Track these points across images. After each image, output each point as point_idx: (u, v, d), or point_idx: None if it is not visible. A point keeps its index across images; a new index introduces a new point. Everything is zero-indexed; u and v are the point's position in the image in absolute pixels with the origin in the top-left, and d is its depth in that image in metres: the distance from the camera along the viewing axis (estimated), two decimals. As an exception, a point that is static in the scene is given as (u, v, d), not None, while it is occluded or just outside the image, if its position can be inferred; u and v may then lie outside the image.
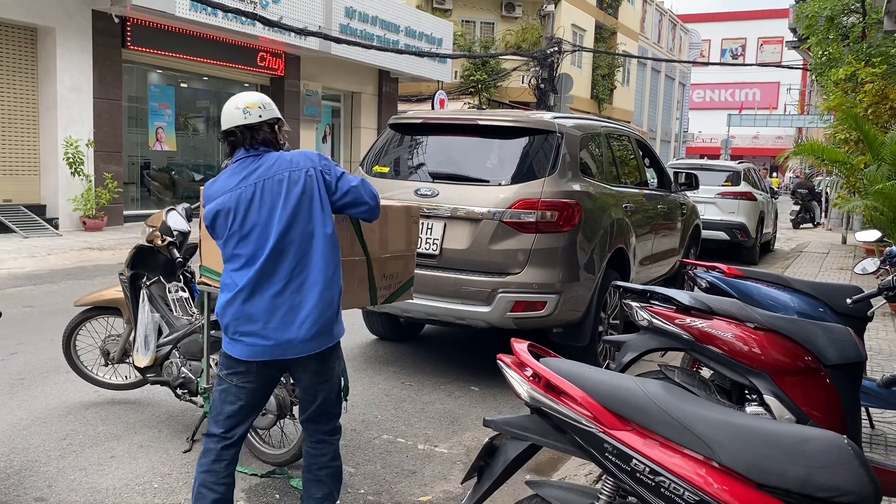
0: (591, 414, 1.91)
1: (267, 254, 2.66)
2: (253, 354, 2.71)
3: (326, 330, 2.73)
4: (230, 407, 2.78)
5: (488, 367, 5.23)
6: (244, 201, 2.69)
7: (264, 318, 2.68)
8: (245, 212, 2.68)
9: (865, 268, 4.24)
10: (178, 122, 15.35)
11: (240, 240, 2.70)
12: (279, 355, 2.70)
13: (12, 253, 9.65)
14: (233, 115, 2.80)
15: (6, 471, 3.64)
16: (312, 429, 2.93)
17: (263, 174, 2.72)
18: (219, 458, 2.78)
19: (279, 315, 2.67)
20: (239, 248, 2.71)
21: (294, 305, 2.68)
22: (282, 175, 2.70)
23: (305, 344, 2.69)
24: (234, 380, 2.77)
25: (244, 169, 2.75)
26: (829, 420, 2.87)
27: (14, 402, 4.58)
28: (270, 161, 2.75)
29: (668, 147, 43.84)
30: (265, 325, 2.67)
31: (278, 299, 2.68)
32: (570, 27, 26.45)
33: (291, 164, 2.73)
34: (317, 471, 2.90)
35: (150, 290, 4.21)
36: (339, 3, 16.04)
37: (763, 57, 52.30)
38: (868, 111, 11.76)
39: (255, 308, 2.69)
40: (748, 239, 12.08)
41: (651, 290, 3.43)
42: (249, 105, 2.80)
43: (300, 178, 2.71)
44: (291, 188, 2.69)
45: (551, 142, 5.17)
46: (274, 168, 2.72)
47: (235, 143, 2.82)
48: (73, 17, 12.06)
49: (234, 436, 2.80)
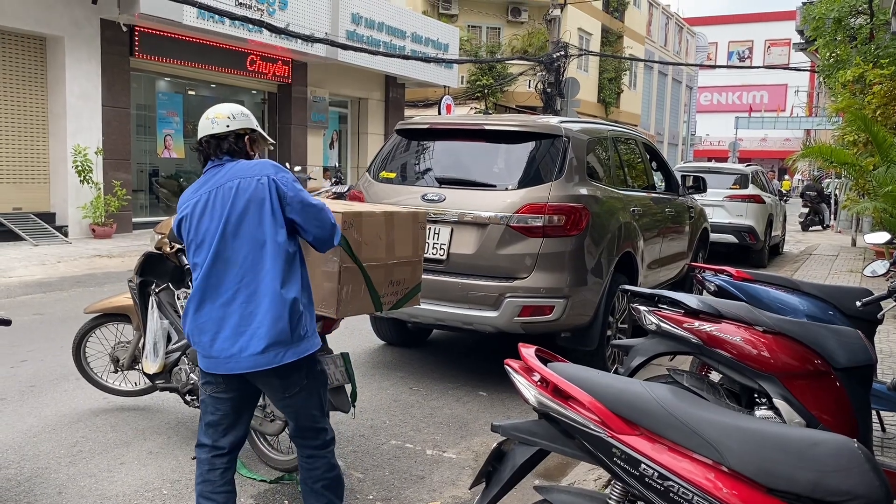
0: (599, 418, 1.90)
1: (210, 261, 2.62)
2: (208, 366, 2.69)
3: (281, 343, 2.59)
4: (210, 417, 2.77)
5: (496, 372, 5.22)
6: (199, 208, 2.68)
7: (213, 328, 2.63)
8: (199, 219, 2.67)
9: (875, 270, 4.21)
10: (186, 129, 15.42)
11: (195, 248, 2.68)
12: (229, 369, 2.63)
13: (22, 261, 9.71)
14: (203, 125, 2.81)
15: (17, 478, 3.66)
16: (301, 444, 2.88)
17: (217, 182, 2.70)
18: (212, 468, 2.76)
19: (229, 326, 2.61)
20: (195, 256, 2.69)
21: (245, 316, 2.60)
22: (232, 183, 2.66)
23: (256, 358, 2.59)
24: (208, 390, 2.76)
25: (206, 178, 2.75)
26: (839, 423, 2.86)
27: (24, 409, 4.60)
28: (226, 169, 2.72)
29: (675, 150, 43.76)
30: (214, 337, 2.63)
31: (227, 308, 2.62)
32: (577, 31, 26.46)
33: (244, 172, 2.68)
34: (312, 483, 2.86)
35: (158, 296, 4.22)
36: (346, 10, 16.10)
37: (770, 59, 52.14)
38: (877, 113, 11.70)
39: (205, 318, 2.65)
40: (757, 242, 12.03)
41: (659, 294, 3.43)
42: (218, 115, 2.79)
43: (250, 186, 2.64)
44: (240, 195, 2.63)
45: (558, 146, 5.17)
46: (227, 175, 2.69)
47: (203, 152, 2.81)
48: (82, 26, 12.15)
49: (223, 446, 2.78)
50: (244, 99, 17.22)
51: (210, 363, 2.67)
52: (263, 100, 17.13)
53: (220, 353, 2.62)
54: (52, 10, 11.69)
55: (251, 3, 13.60)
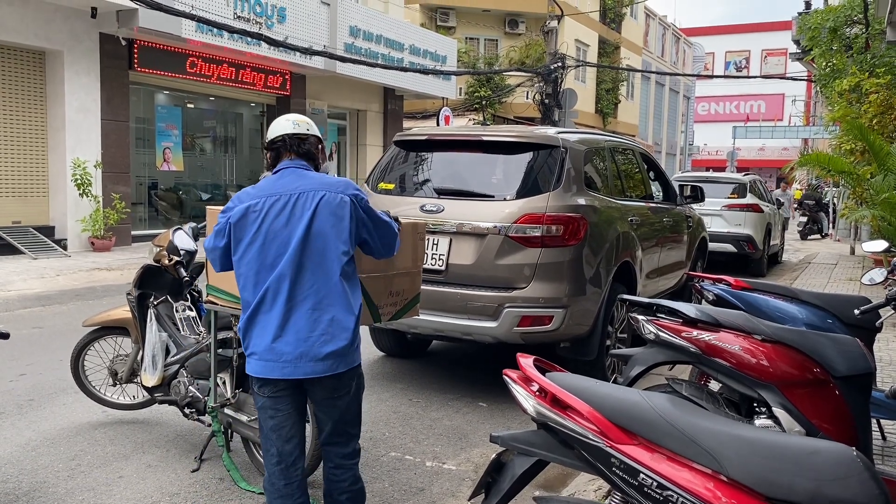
0: (597, 428, 1.90)
1: (287, 264, 2.66)
2: (266, 370, 2.69)
3: (341, 351, 2.69)
4: (271, 422, 2.77)
5: (496, 383, 5.21)
6: (277, 206, 2.72)
7: (276, 331, 2.66)
8: (275, 216, 2.71)
9: (873, 278, 4.22)
10: (185, 142, 15.46)
11: (262, 244, 2.69)
12: (288, 374, 2.67)
13: (21, 274, 9.71)
14: (281, 125, 2.92)
15: (15, 492, 3.64)
16: (332, 452, 2.89)
17: (301, 187, 2.76)
18: (288, 481, 2.77)
19: (294, 330, 2.65)
20: (259, 252, 2.70)
21: (312, 322, 2.66)
22: (317, 193, 2.74)
23: (316, 364, 2.66)
24: (265, 392, 2.75)
25: (284, 178, 2.81)
26: (838, 432, 2.85)
27: (23, 422, 4.59)
28: (310, 177, 2.82)
29: (673, 160, 43.83)
30: (276, 339, 2.66)
31: (296, 313, 2.66)
32: (574, 42, 26.57)
33: (328, 186, 2.77)
34: (337, 496, 2.87)
35: (157, 309, 4.22)
36: (344, 22, 16.17)
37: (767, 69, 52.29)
38: (873, 121, 11.75)
39: (271, 320, 2.67)
40: (755, 251, 12.04)
41: (658, 304, 3.43)
42: (299, 120, 2.94)
43: (334, 200, 2.73)
44: (324, 207, 2.71)
45: (555, 156, 5.18)
46: (310, 184, 2.77)
47: (280, 149, 2.89)
48: (81, 40, 12.19)
49: (288, 451, 2.78)
50: (243, 112, 17.28)
51: (269, 367, 2.68)
52: (262, 112, 17.18)
53: (281, 356, 2.65)
54: (51, 24, 11.74)
55: (249, 17, 13.66)
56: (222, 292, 3.55)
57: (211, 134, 16.77)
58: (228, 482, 3.76)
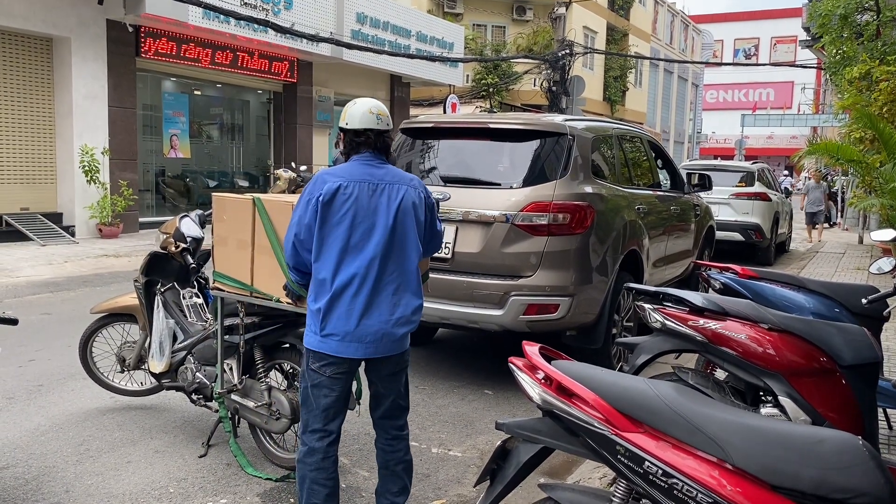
0: (602, 416, 1.90)
1: (377, 249, 2.83)
2: (340, 349, 2.83)
3: (409, 334, 2.97)
4: (325, 400, 2.91)
5: (501, 371, 5.22)
6: (366, 191, 2.86)
7: (360, 312, 2.82)
8: (367, 199, 2.85)
9: (881, 267, 4.19)
10: (192, 129, 15.46)
11: (351, 224, 2.82)
12: (370, 353, 2.86)
13: (30, 261, 9.76)
14: (368, 118, 2.97)
15: (24, 476, 3.68)
16: (389, 425, 3.09)
17: (383, 178, 2.91)
18: (326, 456, 2.92)
19: (378, 312, 2.84)
20: (348, 232, 2.83)
21: (392, 305, 2.86)
22: (401, 186, 2.92)
23: (394, 343, 2.90)
24: (328, 371, 2.88)
25: (370, 167, 2.93)
26: (844, 421, 2.85)
27: (32, 408, 4.63)
28: (394, 171, 2.99)
29: (681, 148, 43.62)
30: (360, 319, 2.82)
31: (379, 296, 2.84)
32: (582, 29, 26.40)
33: (409, 182, 2.97)
34: (394, 466, 3.07)
35: (164, 296, 4.24)
36: (351, 9, 16.10)
37: (776, 56, 51.93)
38: (883, 109, 11.65)
39: (358, 300, 2.82)
40: (763, 239, 11.99)
41: (664, 292, 3.42)
42: (382, 113, 3.00)
43: (413, 196, 2.94)
44: (407, 200, 2.91)
45: (562, 144, 5.16)
46: (391, 177, 2.94)
47: (364, 143, 2.97)
48: (88, 26, 12.18)
49: (332, 430, 2.94)
50: (249, 99, 17.25)
51: (351, 347, 2.83)
52: (269, 99, 17.16)
53: (365, 337, 2.83)
54: (58, 10, 11.73)
55: (256, 3, 13.61)
56: (229, 279, 3.56)
57: (218, 121, 16.76)
58: (235, 467, 3.78)
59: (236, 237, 3.53)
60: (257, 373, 3.79)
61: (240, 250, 3.51)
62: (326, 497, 2.91)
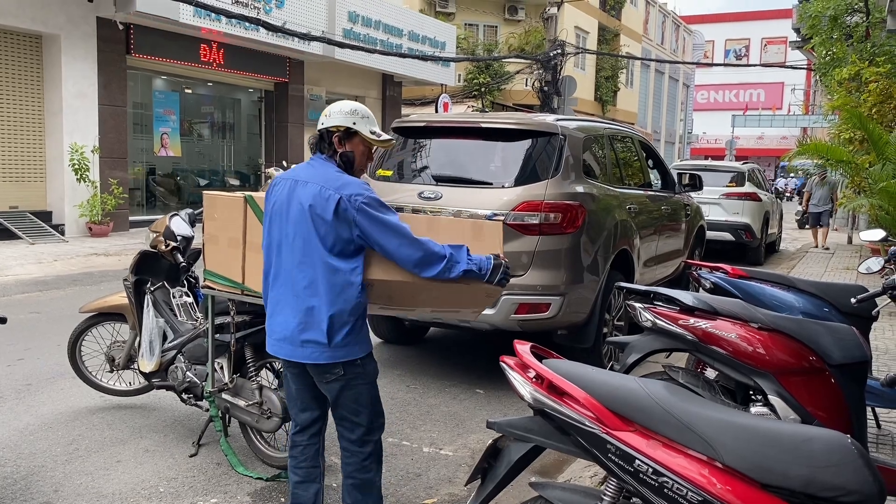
0: (593, 415, 1.90)
1: (284, 248, 2.77)
2: (268, 345, 2.88)
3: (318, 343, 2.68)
4: (286, 391, 3.04)
5: (493, 370, 5.23)
6: (282, 191, 2.82)
7: (273, 309, 2.82)
8: (278, 200, 2.82)
9: (870, 267, 4.22)
10: (183, 127, 15.41)
11: (269, 224, 2.86)
12: (276, 352, 2.84)
13: (19, 259, 9.70)
14: (320, 119, 2.92)
15: (13, 475, 3.65)
16: (340, 433, 2.91)
17: (306, 176, 2.78)
18: (293, 444, 2.99)
19: (282, 312, 2.78)
20: (269, 231, 2.85)
21: (295, 309, 2.73)
22: (313, 185, 2.71)
23: (296, 348, 2.74)
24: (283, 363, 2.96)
25: (308, 165, 2.87)
26: (834, 420, 2.86)
27: (21, 407, 4.60)
28: (325, 172, 2.76)
29: (672, 148, 43.76)
30: (272, 318, 2.83)
31: (284, 297, 2.77)
32: (574, 29, 26.44)
33: (327, 181, 2.70)
34: (344, 478, 2.92)
35: (154, 295, 4.22)
36: (343, 8, 16.08)
37: (767, 57, 52.14)
38: (872, 110, 11.74)
39: (272, 299, 2.83)
40: (753, 239, 12.04)
41: (655, 291, 3.43)
42: (325, 111, 2.90)
43: (324, 195, 2.67)
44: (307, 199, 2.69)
45: (554, 144, 5.17)
46: (316, 177, 2.74)
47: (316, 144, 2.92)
48: (78, 24, 12.12)
49: (298, 421, 2.99)
50: (241, 97, 17.20)
51: (269, 342, 2.87)
52: (260, 98, 17.11)
53: (273, 334, 2.84)
54: (48, 8, 11.66)
55: (248, 2, 13.57)
56: (220, 277, 3.55)
57: (209, 119, 16.71)
58: (226, 467, 3.77)
59: (227, 235, 3.51)
60: (248, 371, 3.78)
61: (231, 248, 3.49)
62: (296, 484, 2.96)
